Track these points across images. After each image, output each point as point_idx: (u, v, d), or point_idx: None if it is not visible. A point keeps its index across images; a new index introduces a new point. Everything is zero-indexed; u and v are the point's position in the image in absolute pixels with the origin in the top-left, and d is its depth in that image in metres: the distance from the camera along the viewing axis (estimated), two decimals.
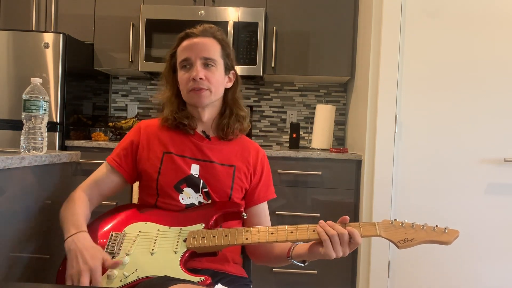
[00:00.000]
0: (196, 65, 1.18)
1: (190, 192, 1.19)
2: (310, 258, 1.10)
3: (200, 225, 1.11)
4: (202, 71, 1.17)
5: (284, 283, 2.36)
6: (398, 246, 1.01)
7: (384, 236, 1.02)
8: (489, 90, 2.15)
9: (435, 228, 1.02)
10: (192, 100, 1.20)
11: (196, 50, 1.18)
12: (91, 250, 1.01)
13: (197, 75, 1.16)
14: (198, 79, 1.16)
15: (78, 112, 2.64)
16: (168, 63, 1.26)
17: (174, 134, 1.25)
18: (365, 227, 1.04)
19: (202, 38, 1.20)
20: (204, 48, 1.19)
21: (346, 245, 1.01)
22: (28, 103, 1.15)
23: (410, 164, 2.19)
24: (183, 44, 1.21)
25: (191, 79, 1.17)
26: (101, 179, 1.23)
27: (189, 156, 1.22)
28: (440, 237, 1.00)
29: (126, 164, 1.24)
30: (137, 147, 1.24)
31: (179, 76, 1.22)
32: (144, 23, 2.60)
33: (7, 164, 1.02)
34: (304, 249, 1.10)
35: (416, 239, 1.00)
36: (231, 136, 1.26)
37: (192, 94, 1.19)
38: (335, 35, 2.64)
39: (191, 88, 1.18)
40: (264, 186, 1.29)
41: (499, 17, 2.14)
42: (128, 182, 1.27)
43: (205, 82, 1.18)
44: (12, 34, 2.41)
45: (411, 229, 1.02)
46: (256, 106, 3.03)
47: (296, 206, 2.35)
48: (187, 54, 1.19)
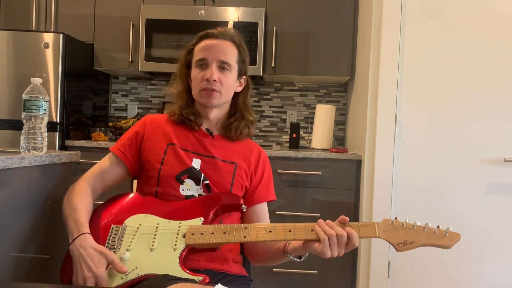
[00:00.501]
0: (212, 67, 1.20)
1: (190, 183, 1.20)
2: (304, 252, 1.11)
3: (199, 220, 1.12)
4: (217, 73, 1.20)
5: (284, 283, 2.36)
6: (397, 249, 0.99)
7: (383, 238, 1.01)
8: (489, 90, 2.15)
9: (436, 231, 0.99)
10: (202, 100, 1.23)
11: (214, 52, 1.21)
12: (95, 256, 1.01)
13: (211, 76, 1.19)
14: (212, 80, 1.19)
15: (78, 112, 2.64)
16: (184, 58, 1.29)
17: (178, 129, 1.27)
18: (364, 227, 1.02)
19: (222, 41, 1.23)
20: (222, 51, 1.22)
21: (343, 246, 1.01)
22: (28, 103, 1.15)
23: (410, 164, 2.19)
24: (202, 43, 1.24)
25: (204, 79, 1.20)
26: (105, 170, 1.24)
27: (191, 151, 1.23)
28: (441, 241, 0.98)
29: (130, 154, 1.25)
30: (142, 138, 1.26)
31: (193, 73, 1.25)
32: (144, 23, 2.61)
33: (7, 164, 1.02)
34: (299, 243, 1.11)
35: (415, 242, 0.99)
36: (236, 138, 1.28)
37: (203, 93, 1.21)
38: (335, 35, 2.64)
39: (203, 87, 1.21)
40: (264, 186, 1.30)
41: (499, 17, 2.14)
42: (130, 174, 1.28)
43: (218, 84, 1.20)
44: (12, 34, 2.41)
45: (411, 231, 1.00)
46: (256, 106, 3.03)
47: (296, 206, 2.35)
48: (205, 55, 1.22)
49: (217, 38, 1.23)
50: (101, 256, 1.01)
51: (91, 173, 1.24)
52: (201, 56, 1.22)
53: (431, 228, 1.00)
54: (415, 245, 0.99)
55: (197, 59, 1.23)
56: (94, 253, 1.02)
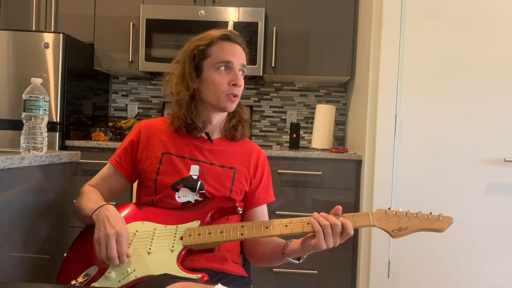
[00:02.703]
0: (236, 71, 1.19)
1: (186, 191, 1.20)
2: (303, 252, 1.11)
3: (195, 222, 1.12)
4: (241, 77, 1.20)
5: (284, 283, 2.36)
6: (392, 235, 1.02)
7: (378, 226, 1.03)
8: (489, 90, 2.15)
9: (428, 216, 1.02)
10: (224, 104, 1.19)
11: (238, 56, 1.20)
12: (118, 217, 1.07)
13: (239, 82, 1.18)
14: (239, 86, 1.18)
15: (78, 112, 2.64)
16: (190, 58, 1.20)
17: (175, 135, 1.24)
18: (359, 217, 1.04)
19: (239, 46, 1.22)
20: (242, 55, 1.22)
21: (338, 236, 1.02)
22: (28, 103, 1.15)
23: (410, 164, 2.19)
24: (222, 45, 1.19)
25: (231, 83, 1.17)
26: (106, 178, 1.27)
27: (189, 157, 1.22)
28: (434, 225, 1.01)
29: (126, 163, 1.26)
30: (137, 146, 1.25)
31: (211, 75, 1.18)
32: (144, 23, 2.60)
33: (7, 164, 1.02)
34: (297, 244, 1.12)
35: (410, 228, 1.01)
36: (239, 139, 1.28)
37: (226, 98, 1.18)
38: (335, 35, 2.64)
39: (229, 92, 1.18)
40: (263, 188, 1.29)
41: (499, 17, 2.14)
42: (128, 181, 1.28)
43: (241, 89, 1.20)
44: (12, 34, 2.41)
45: (404, 218, 1.03)
46: (256, 106, 3.03)
47: (296, 206, 2.35)
48: (231, 58, 1.18)
49: (235, 42, 1.21)
50: (123, 221, 1.07)
51: (95, 179, 1.28)
52: (227, 59, 1.17)
53: (424, 214, 1.03)
54: (410, 230, 1.01)
55: (222, 60, 1.17)
56: (117, 215, 1.08)
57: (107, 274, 1.01)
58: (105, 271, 1.02)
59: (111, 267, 1.03)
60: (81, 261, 1.10)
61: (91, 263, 1.08)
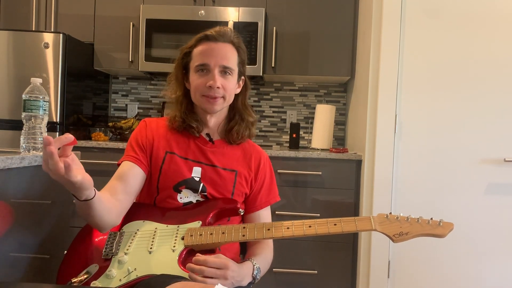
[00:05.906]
0: (214, 73, 1.15)
1: (188, 192, 1.20)
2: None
3: (197, 223, 1.12)
4: (220, 79, 1.15)
5: (284, 283, 2.36)
6: (393, 240, 1.02)
7: (379, 230, 1.03)
8: (489, 90, 2.15)
9: (429, 221, 1.03)
10: (204, 106, 1.19)
11: (215, 57, 1.16)
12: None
13: (214, 84, 1.14)
14: (215, 88, 1.14)
15: (78, 112, 2.64)
16: (180, 61, 1.23)
17: (179, 135, 1.25)
18: (361, 221, 1.04)
19: (222, 44, 1.17)
20: (224, 56, 1.17)
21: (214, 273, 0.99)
22: (28, 103, 1.15)
23: (410, 164, 2.19)
24: (201, 47, 1.18)
25: (207, 85, 1.15)
26: (124, 174, 1.16)
27: (192, 159, 1.22)
28: (435, 230, 1.02)
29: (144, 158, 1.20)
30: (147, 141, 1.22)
31: (193, 78, 1.19)
32: (144, 23, 2.60)
33: (7, 164, 1.02)
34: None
35: (411, 233, 1.02)
36: (238, 142, 1.27)
37: (205, 100, 1.17)
38: (335, 35, 2.64)
39: (205, 94, 1.16)
40: (266, 191, 1.29)
41: (499, 17, 2.14)
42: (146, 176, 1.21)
43: (221, 90, 1.16)
44: (12, 34, 2.41)
45: (406, 223, 1.03)
46: (256, 106, 3.03)
47: (296, 206, 2.35)
48: (206, 60, 1.16)
49: (216, 41, 1.17)
50: None
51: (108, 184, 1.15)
52: (202, 62, 1.16)
53: (425, 219, 1.04)
54: (411, 235, 1.02)
55: (197, 64, 1.17)
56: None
57: (107, 273, 1.01)
58: (105, 270, 1.02)
59: (111, 266, 1.03)
60: (81, 259, 1.10)
61: (92, 262, 1.08)
